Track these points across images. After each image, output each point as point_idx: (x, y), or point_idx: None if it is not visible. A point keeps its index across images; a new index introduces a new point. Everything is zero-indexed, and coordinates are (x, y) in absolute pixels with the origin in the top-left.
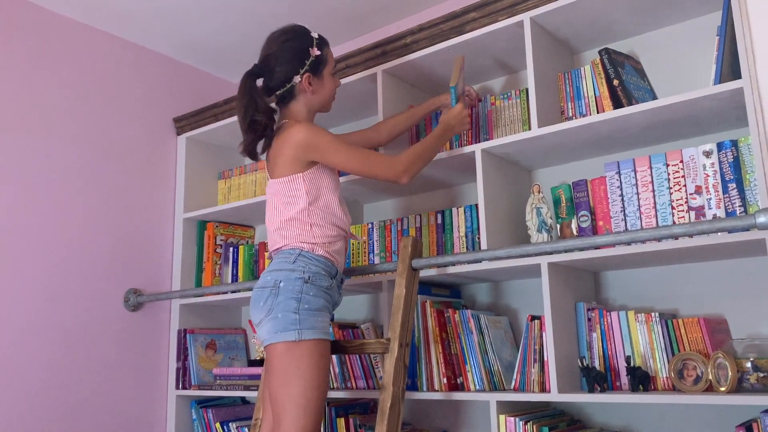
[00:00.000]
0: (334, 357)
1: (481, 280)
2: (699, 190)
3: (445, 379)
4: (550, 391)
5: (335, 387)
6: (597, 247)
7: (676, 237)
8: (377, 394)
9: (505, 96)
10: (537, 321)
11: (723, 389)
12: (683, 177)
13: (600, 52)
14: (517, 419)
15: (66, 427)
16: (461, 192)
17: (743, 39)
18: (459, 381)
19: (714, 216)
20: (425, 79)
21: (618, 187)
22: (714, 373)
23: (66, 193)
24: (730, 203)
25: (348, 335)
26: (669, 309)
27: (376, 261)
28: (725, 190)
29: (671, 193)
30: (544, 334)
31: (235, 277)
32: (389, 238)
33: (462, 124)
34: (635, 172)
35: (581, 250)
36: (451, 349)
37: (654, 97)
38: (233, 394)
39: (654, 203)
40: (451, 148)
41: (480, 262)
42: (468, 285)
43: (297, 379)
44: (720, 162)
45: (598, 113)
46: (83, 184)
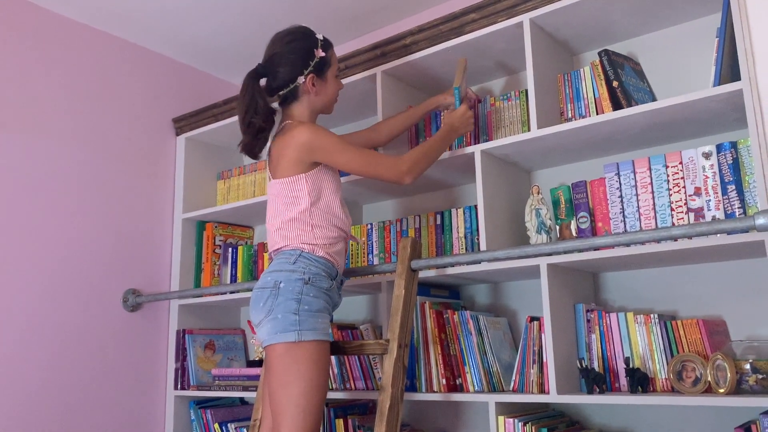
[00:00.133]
0: (333, 358)
1: (481, 281)
2: (698, 191)
3: (444, 380)
4: (549, 393)
5: (334, 388)
6: (596, 249)
7: (675, 238)
8: (376, 395)
9: (505, 97)
10: (536, 322)
11: (722, 391)
12: (682, 178)
13: (599, 53)
14: (516, 420)
15: (65, 428)
16: (460, 193)
17: (743, 41)
18: (458, 382)
19: (713, 218)
20: (425, 80)
21: (617, 189)
22: (713, 375)
23: (65, 193)
24: (729, 205)
25: (347, 336)
26: (668, 310)
27: (375, 262)
28: (724, 191)
29: (670, 195)
30: (543, 335)
31: (234, 278)
32: (388, 238)
33: (466, 125)
34: (634, 173)
35: (580, 251)
36: (450, 350)
37: (653, 99)
38: (232, 394)
39: (653, 205)
40: (451, 149)
41: (479, 263)
42: (467, 286)
43: (296, 380)
44: (719, 164)
45: (597, 114)
46: (82, 184)
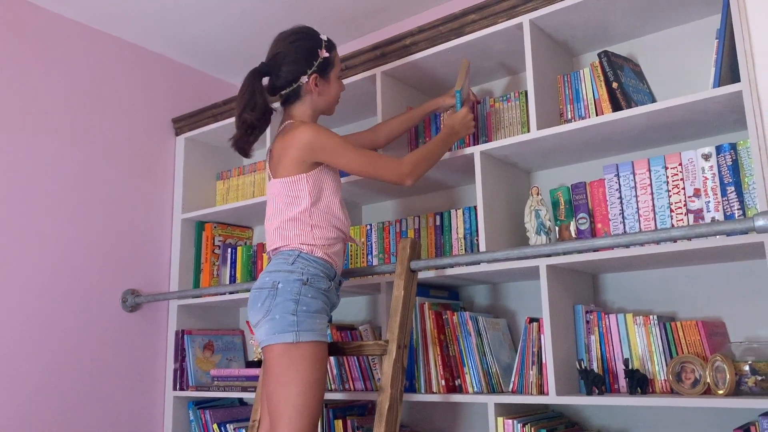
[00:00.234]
0: (332, 358)
1: (480, 282)
2: (698, 193)
3: (443, 381)
4: (548, 394)
5: (333, 388)
6: (595, 250)
7: (674, 240)
8: (375, 395)
9: (505, 98)
10: (535, 323)
11: (721, 392)
12: (682, 180)
13: (599, 54)
14: (515, 421)
15: (63, 428)
16: (460, 194)
17: (742, 42)
18: (457, 383)
19: (712, 219)
20: (425, 81)
21: (617, 190)
22: (712, 376)
23: (64, 193)
24: (728, 206)
25: (346, 337)
26: (667, 312)
27: (374, 262)
28: (724, 193)
29: (670, 196)
30: (542, 336)
31: (233, 278)
32: (388, 239)
33: (467, 128)
34: (634, 174)
35: (580, 252)
36: (450, 351)
37: (653, 100)
38: (231, 395)
39: (653, 206)
40: (451, 149)
41: (478, 264)
42: (466, 287)
43: (294, 381)
44: (719, 165)
45: (597, 116)
46: (81, 184)
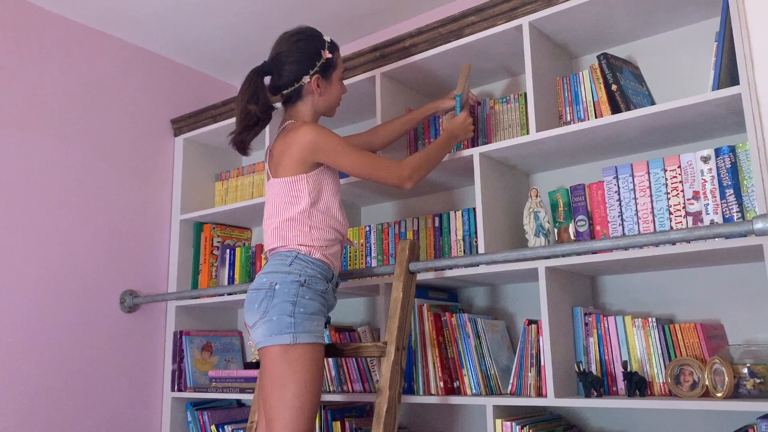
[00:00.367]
0: (330, 360)
1: (479, 283)
2: (696, 195)
3: (442, 383)
4: (546, 396)
5: (331, 390)
6: (594, 252)
7: (673, 242)
8: (373, 397)
9: (504, 100)
10: (534, 325)
11: (719, 395)
12: (681, 182)
13: (598, 56)
14: (514, 424)
15: (61, 429)
16: (459, 195)
17: (741, 45)
18: (456, 385)
19: (711, 221)
20: (424, 82)
21: (616, 192)
22: (710, 379)
23: (62, 194)
24: (727, 209)
25: (344, 338)
26: (666, 314)
27: (373, 264)
28: (723, 195)
29: (669, 199)
30: (541, 338)
31: (232, 279)
32: (387, 241)
33: (466, 132)
34: (633, 177)
35: (578, 254)
36: (448, 353)
37: (652, 103)
38: (229, 396)
39: (651, 208)
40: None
41: (477, 265)
42: (465, 289)
43: (291, 383)
44: (718, 168)
45: (596, 118)
46: (80, 184)
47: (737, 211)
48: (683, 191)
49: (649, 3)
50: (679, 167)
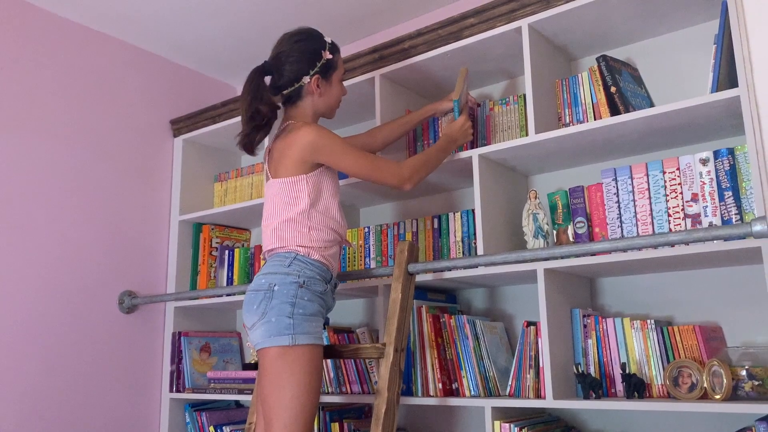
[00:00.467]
0: (329, 361)
1: (477, 285)
2: (695, 197)
3: (441, 385)
4: (545, 398)
5: (330, 391)
6: (593, 254)
7: (672, 244)
8: (372, 399)
9: (503, 101)
10: (533, 327)
11: (718, 397)
12: (680, 184)
13: (597, 59)
14: (512, 425)
15: (59, 430)
16: (458, 197)
17: (740, 47)
18: (454, 386)
19: (710, 224)
20: (423, 84)
21: (614, 194)
22: (709, 381)
23: (61, 194)
24: (726, 211)
25: (343, 339)
26: (664, 316)
27: (372, 265)
28: (721, 198)
29: (667, 201)
30: (539, 340)
31: (231, 280)
32: (386, 242)
33: (465, 136)
34: (632, 179)
35: (577, 256)
36: (447, 355)
37: (651, 105)
38: (227, 397)
39: (650, 210)
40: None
41: (476, 267)
42: (464, 290)
43: (290, 384)
44: (716, 170)
45: (595, 120)
46: (79, 184)
47: (736, 214)
48: (682, 193)
49: (648, 5)
50: (678, 169)
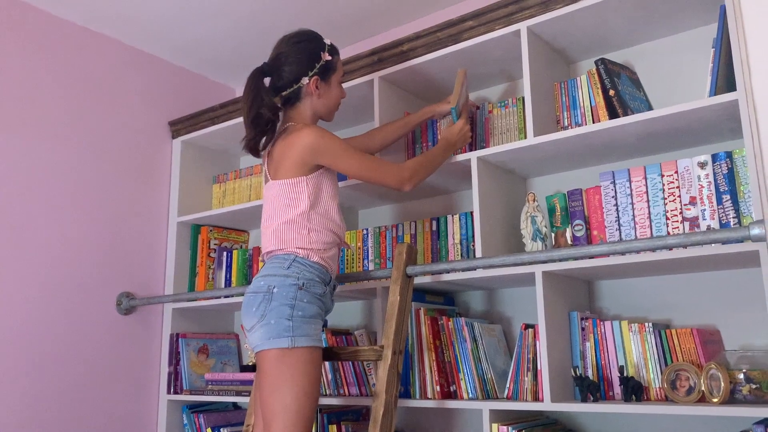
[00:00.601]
0: (327, 363)
1: (476, 287)
2: (693, 200)
3: (439, 387)
4: (543, 400)
5: (328, 393)
6: (591, 257)
7: (670, 248)
8: (370, 401)
9: (502, 104)
10: (531, 330)
11: (715, 400)
12: (678, 188)
13: (596, 62)
14: (510, 428)
15: (57, 431)
16: (456, 199)
17: (738, 51)
18: (452, 389)
19: (708, 227)
20: (422, 86)
21: (613, 197)
22: (707, 384)
23: (60, 195)
24: (724, 214)
25: (341, 342)
26: (662, 319)
27: (370, 267)
28: (719, 201)
29: (666, 204)
30: (537, 342)
31: (229, 282)
32: (384, 244)
33: (463, 140)
34: (630, 182)
35: (575, 259)
36: (445, 357)
37: (649, 108)
38: (225, 399)
39: (648, 213)
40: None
41: (474, 269)
42: (462, 292)
43: (289, 387)
44: (714, 173)
45: (593, 123)
46: (77, 185)
47: (734, 217)
48: (680, 196)
49: (647, 9)
50: (676, 173)
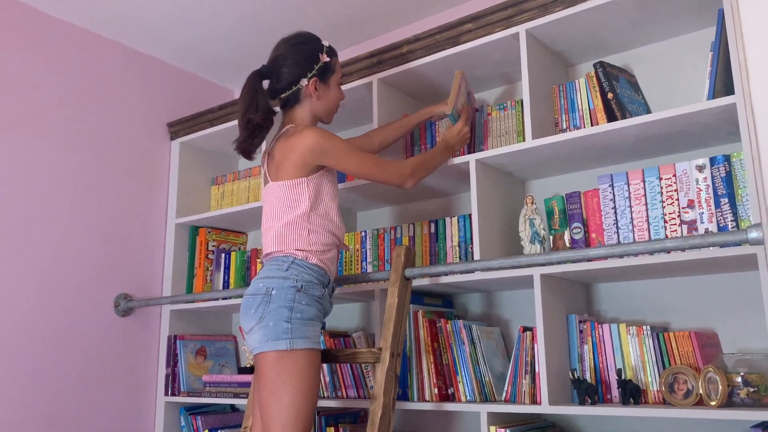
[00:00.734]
0: (325, 365)
1: (474, 290)
2: (691, 204)
3: (436, 390)
4: (540, 403)
5: (326, 396)
6: (589, 260)
7: (668, 251)
8: (368, 403)
9: (501, 107)
10: (529, 332)
11: (713, 403)
12: (676, 191)
13: (595, 65)
14: (508, 431)
15: None
16: (455, 202)
17: (737, 55)
18: (450, 391)
19: (706, 230)
20: (421, 89)
21: (611, 200)
22: (704, 387)
23: (58, 196)
24: (722, 218)
25: (339, 344)
26: (660, 322)
27: (368, 269)
28: (717, 204)
29: (664, 207)
30: (535, 345)
31: (227, 284)
32: (382, 246)
33: (462, 141)
34: (628, 185)
35: (574, 262)
36: (443, 360)
37: (648, 111)
38: (222, 401)
39: (646, 216)
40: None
41: (473, 272)
42: (460, 295)
43: (287, 389)
44: (712, 176)
45: (592, 126)
46: (75, 186)
47: (732, 220)
48: (678, 200)
49: (646, 12)
50: (674, 176)
